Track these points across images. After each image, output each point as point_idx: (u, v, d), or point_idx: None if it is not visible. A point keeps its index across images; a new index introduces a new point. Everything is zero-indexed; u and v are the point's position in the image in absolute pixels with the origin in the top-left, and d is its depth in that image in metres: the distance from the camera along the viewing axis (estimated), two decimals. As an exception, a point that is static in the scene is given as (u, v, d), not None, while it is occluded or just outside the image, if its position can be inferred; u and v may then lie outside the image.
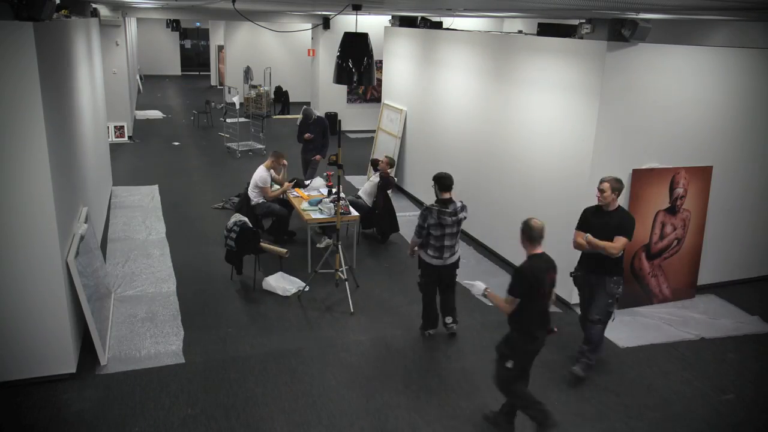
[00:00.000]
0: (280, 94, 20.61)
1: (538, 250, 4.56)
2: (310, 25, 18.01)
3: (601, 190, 5.40)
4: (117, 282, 7.12)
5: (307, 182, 9.15)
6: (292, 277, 7.26)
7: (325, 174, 8.84)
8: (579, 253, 5.81)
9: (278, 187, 8.50)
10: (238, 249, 7.06)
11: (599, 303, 5.45)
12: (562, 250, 7.04)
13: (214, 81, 26.73)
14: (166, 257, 7.89)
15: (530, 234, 4.55)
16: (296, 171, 10.56)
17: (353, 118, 17.24)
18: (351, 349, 5.97)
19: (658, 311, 6.88)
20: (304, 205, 7.87)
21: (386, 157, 9.01)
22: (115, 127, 14.34)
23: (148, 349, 5.80)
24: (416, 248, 6.05)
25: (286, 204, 8.47)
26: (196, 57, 31.95)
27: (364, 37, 6.72)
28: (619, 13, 5.45)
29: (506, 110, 8.02)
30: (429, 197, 7.30)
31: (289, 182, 8.61)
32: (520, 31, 11.59)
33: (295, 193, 8.51)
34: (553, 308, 6.91)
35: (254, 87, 19.90)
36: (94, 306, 5.57)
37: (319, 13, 14.10)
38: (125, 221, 9.11)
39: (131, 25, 21.08)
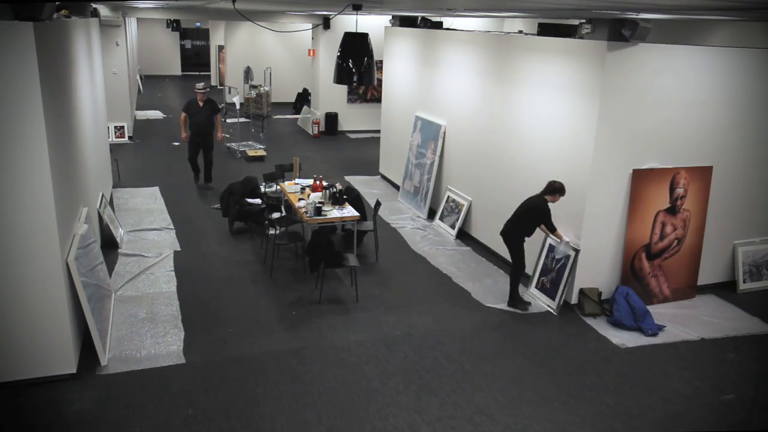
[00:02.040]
0: (304, 96, 20.25)
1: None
2: (310, 25, 18.01)
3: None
4: (118, 282, 7.12)
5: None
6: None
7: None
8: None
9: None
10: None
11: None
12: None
13: (214, 81, 26.73)
14: (168, 257, 7.90)
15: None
16: (311, 169, 10.54)
17: (353, 118, 17.25)
18: (351, 349, 5.97)
19: (658, 311, 6.88)
20: (301, 203, 7.83)
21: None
22: (115, 127, 14.34)
23: (148, 349, 5.80)
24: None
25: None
26: (195, 57, 31.97)
27: (364, 37, 6.73)
28: (619, 13, 5.45)
29: (507, 110, 8.02)
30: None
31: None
32: (520, 31, 11.60)
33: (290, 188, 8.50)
34: (550, 310, 6.95)
35: (254, 87, 19.90)
36: (95, 306, 5.58)
37: (319, 13, 14.10)
38: (128, 222, 9.11)
39: (131, 25, 21.08)
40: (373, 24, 14.05)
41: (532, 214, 6.67)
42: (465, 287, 7.46)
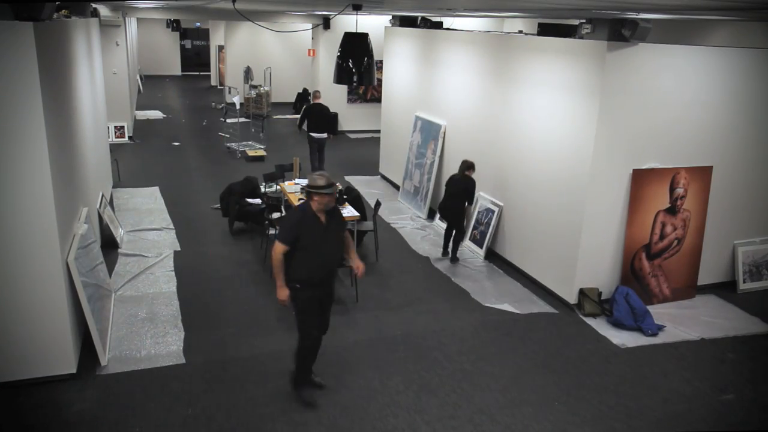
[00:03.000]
0: (304, 96, 20.31)
1: None
2: (310, 25, 18.02)
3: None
4: (118, 282, 7.12)
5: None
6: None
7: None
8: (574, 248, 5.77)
9: None
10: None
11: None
12: (563, 247, 7.05)
13: (214, 81, 26.74)
14: (168, 258, 7.90)
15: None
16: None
17: (353, 118, 17.25)
18: (351, 349, 5.97)
19: (658, 311, 6.88)
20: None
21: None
22: (115, 127, 14.35)
23: (148, 349, 5.80)
24: None
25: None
26: (195, 57, 31.99)
27: (364, 37, 6.74)
28: (619, 13, 5.45)
29: (506, 110, 8.02)
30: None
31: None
32: (520, 31, 11.60)
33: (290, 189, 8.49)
34: (552, 309, 6.96)
35: (254, 87, 19.92)
36: (95, 306, 5.58)
37: (319, 13, 14.11)
38: (128, 222, 9.11)
39: (131, 25, 21.08)
40: (373, 24, 14.05)
41: (469, 192, 8.03)
42: (465, 287, 7.45)
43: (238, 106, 14.54)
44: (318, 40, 16.92)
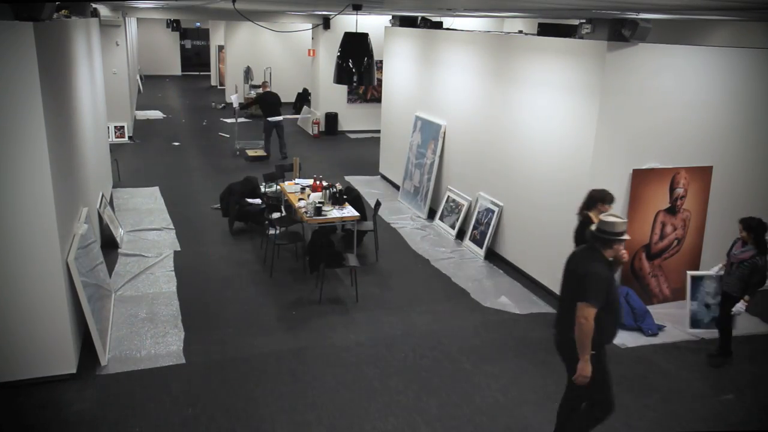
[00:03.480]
0: (304, 96, 20.30)
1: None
2: (310, 25, 18.01)
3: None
4: (118, 282, 7.12)
5: None
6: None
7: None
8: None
9: None
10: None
11: None
12: (563, 247, 7.05)
13: (214, 81, 26.73)
14: (168, 258, 7.89)
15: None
16: (311, 169, 10.52)
17: (353, 118, 17.24)
18: (351, 349, 5.97)
19: (658, 311, 6.88)
20: (301, 203, 7.82)
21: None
22: (115, 127, 14.35)
23: (148, 349, 5.80)
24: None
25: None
26: (195, 57, 32.00)
27: (364, 37, 6.74)
28: (620, 13, 5.45)
29: (507, 110, 8.02)
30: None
31: None
32: (520, 31, 11.60)
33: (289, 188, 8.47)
34: (552, 309, 6.94)
35: (255, 87, 19.91)
36: (95, 306, 5.58)
37: (319, 13, 14.10)
38: (128, 222, 9.11)
39: (131, 25, 21.08)
40: (373, 24, 14.04)
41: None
42: (465, 287, 7.45)
43: (235, 105, 14.63)
44: (318, 40, 16.91)
